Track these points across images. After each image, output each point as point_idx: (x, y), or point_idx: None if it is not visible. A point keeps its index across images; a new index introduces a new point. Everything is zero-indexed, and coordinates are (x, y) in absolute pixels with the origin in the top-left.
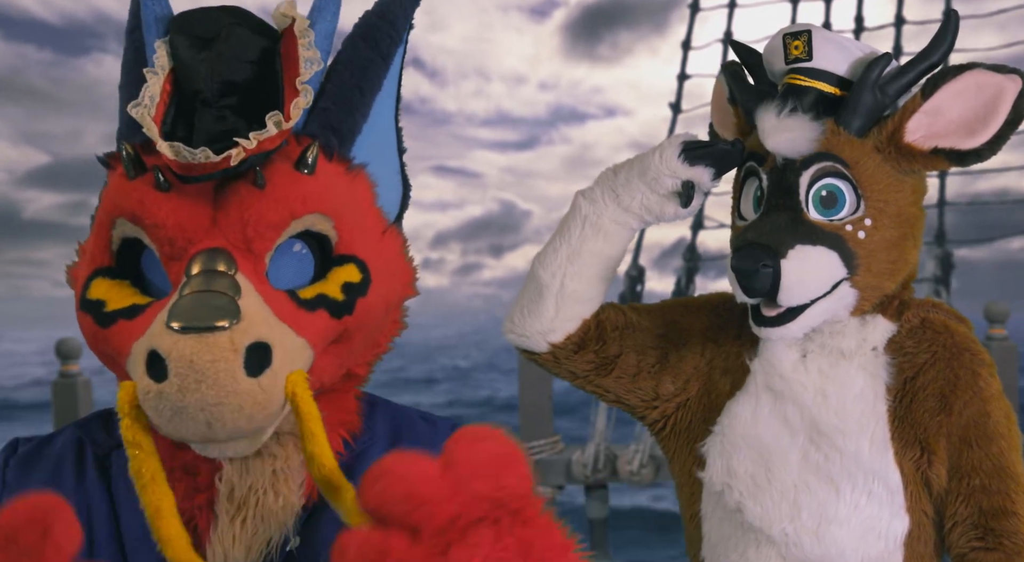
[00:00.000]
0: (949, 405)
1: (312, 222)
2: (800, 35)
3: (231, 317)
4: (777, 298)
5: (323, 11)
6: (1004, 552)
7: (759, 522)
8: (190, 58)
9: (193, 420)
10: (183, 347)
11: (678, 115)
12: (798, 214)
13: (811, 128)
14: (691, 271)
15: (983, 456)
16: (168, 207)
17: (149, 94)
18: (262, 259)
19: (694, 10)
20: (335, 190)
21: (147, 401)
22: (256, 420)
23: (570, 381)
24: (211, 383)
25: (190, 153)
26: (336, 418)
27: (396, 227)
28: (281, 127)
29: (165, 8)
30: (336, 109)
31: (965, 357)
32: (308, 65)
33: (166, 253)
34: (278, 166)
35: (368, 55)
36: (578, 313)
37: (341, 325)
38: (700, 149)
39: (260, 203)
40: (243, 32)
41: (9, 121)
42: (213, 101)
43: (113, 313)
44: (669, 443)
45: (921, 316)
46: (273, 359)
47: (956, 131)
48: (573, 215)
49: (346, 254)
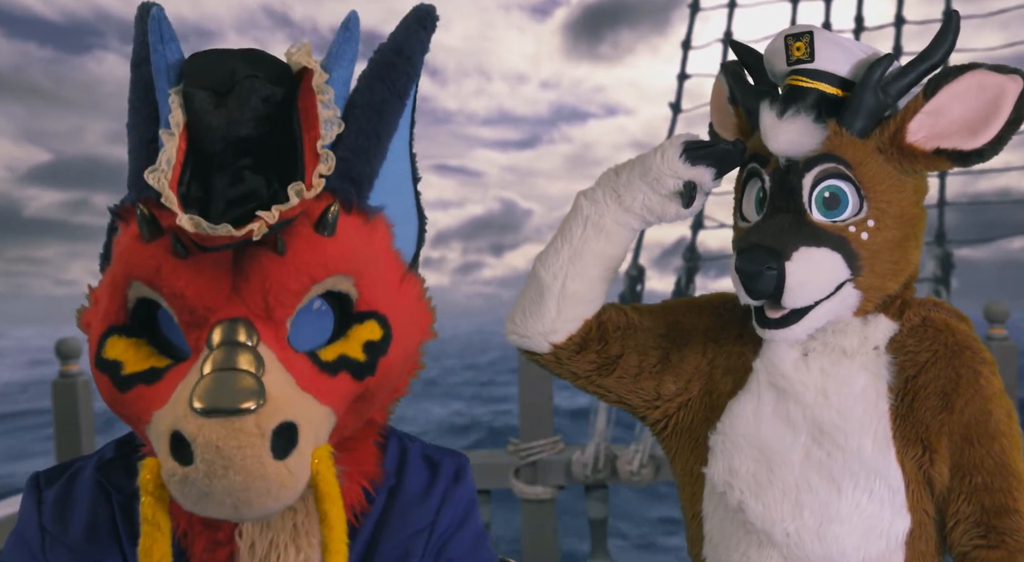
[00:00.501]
0: (951, 403)
1: (333, 284)
2: (802, 36)
3: (257, 398)
4: (781, 300)
5: (340, 58)
6: (1007, 550)
7: (761, 522)
8: (204, 113)
9: (220, 504)
10: (209, 432)
11: (678, 115)
12: (801, 216)
13: (814, 130)
14: (691, 271)
15: (985, 454)
16: (187, 276)
17: (166, 158)
18: (283, 325)
19: (694, 10)
20: (355, 247)
21: (172, 483)
22: (283, 500)
23: (571, 381)
24: (238, 469)
25: (211, 228)
26: (357, 470)
27: (413, 272)
28: (303, 196)
29: (176, 54)
30: (354, 159)
31: (966, 355)
32: (328, 127)
33: (185, 321)
34: (298, 230)
35: (385, 97)
36: (580, 314)
37: (363, 386)
38: (701, 149)
39: (281, 270)
40: (258, 85)
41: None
42: (230, 163)
43: (131, 377)
44: (671, 443)
45: (922, 315)
46: (299, 439)
47: (958, 131)
48: (575, 216)
49: (367, 311)
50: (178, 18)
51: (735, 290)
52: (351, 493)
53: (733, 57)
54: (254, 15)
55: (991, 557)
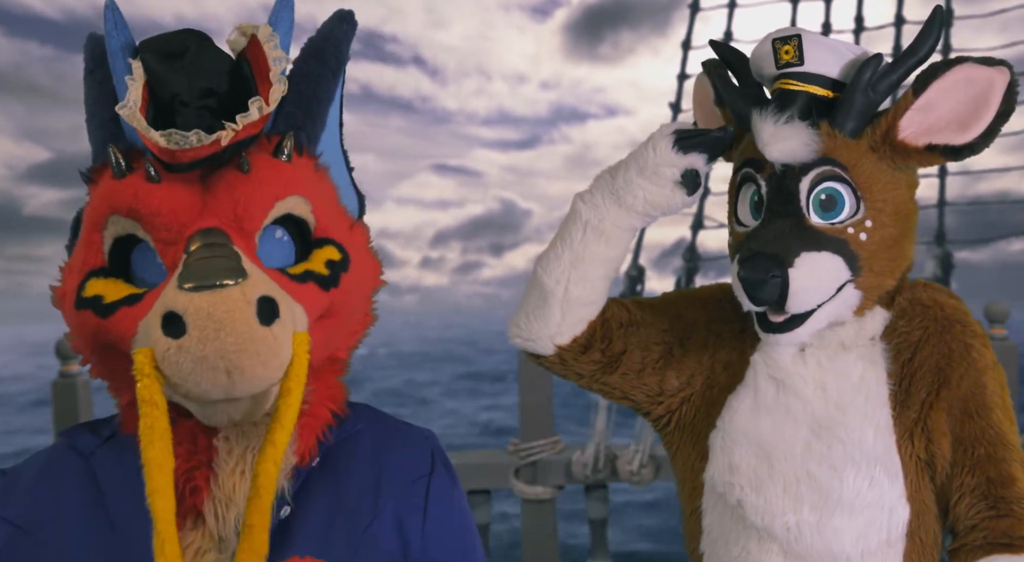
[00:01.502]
0: (946, 378)
1: (293, 205)
2: (790, 39)
3: (239, 275)
4: (785, 306)
5: (279, 21)
6: (1015, 517)
7: (761, 518)
8: (163, 70)
9: (214, 369)
10: (199, 302)
11: (678, 114)
12: (800, 220)
13: (809, 135)
14: (691, 271)
15: (985, 426)
16: (161, 195)
17: (132, 98)
18: (252, 238)
19: (694, 10)
20: (309, 178)
21: (167, 358)
22: (271, 367)
23: (576, 382)
24: (229, 331)
25: (182, 137)
26: (325, 392)
27: (361, 223)
28: (263, 111)
29: (128, 37)
30: (299, 113)
31: (956, 329)
32: (277, 62)
33: (163, 239)
34: (258, 155)
35: (319, 70)
36: (584, 316)
37: (329, 297)
38: (692, 138)
39: (246, 186)
40: (210, 48)
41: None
42: (192, 102)
43: (114, 304)
44: (673, 438)
45: (909, 297)
46: (280, 312)
47: (949, 126)
48: (574, 220)
49: (324, 237)
50: (178, 16)
51: (737, 297)
52: (322, 412)
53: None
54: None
55: (1001, 526)
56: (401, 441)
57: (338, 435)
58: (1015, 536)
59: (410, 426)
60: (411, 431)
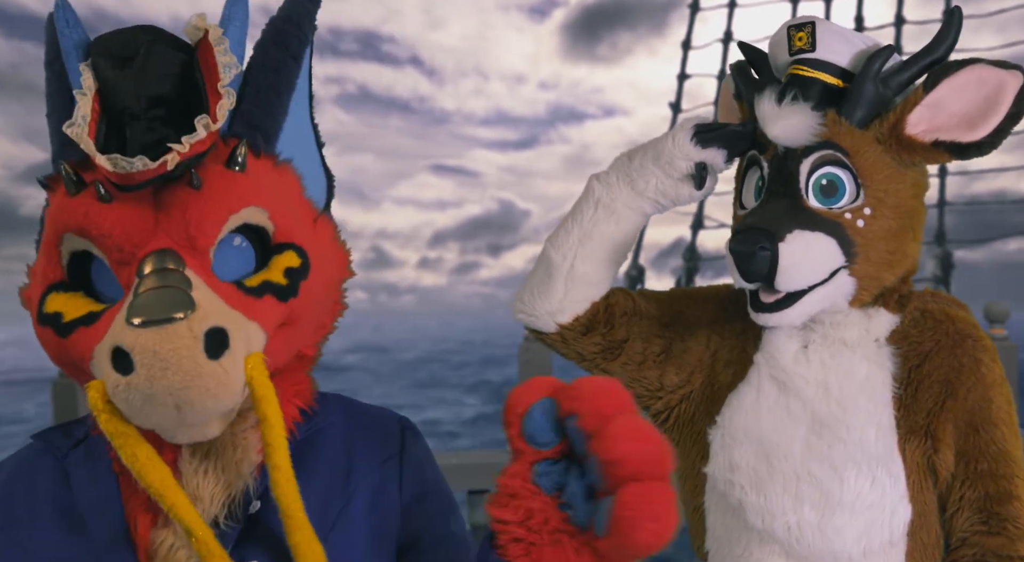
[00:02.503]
0: (954, 391)
1: (249, 215)
2: (804, 27)
3: (187, 308)
4: (775, 282)
5: (233, 19)
6: (1007, 536)
7: (762, 520)
8: (114, 77)
9: (163, 405)
10: (145, 340)
11: (678, 114)
12: (797, 201)
13: (811, 117)
14: (691, 271)
15: (988, 440)
16: (112, 217)
17: (81, 114)
18: (207, 255)
19: (694, 10)
20: (266, 184)
21: (117, 394)
22: (221, 400)
23: (577, 362)
24: (176, 369)
25: (128, 163)
26: (291, 390)
27: (326, 215)
28: (210, 129)
29: (81, 35)
30: (257, 110)
31: (967, 344)
32: (227, 70)
33: (115, 259)
34: (211, 167)
35: (280, 57)
36: (587, 295)
37: (287, 308)
38: (712, 132)
39: (198, 203)
40: (161, 48)
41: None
42: (142, 114)
43: (72, 323)
44: (672, 435)
45: (922, 307)
46: (231, 342)
47: (957, 124)
48: (586, 198)
49: (284, 242)
50: (174, 18)
51: (730, 274)
52: (289, 409)
53: (741, 58)
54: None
55: (992, 543)
56: (369, 426)
57: (306, 431)
58: (1003, 555)
59: (381, 410)
60: (381, 414)
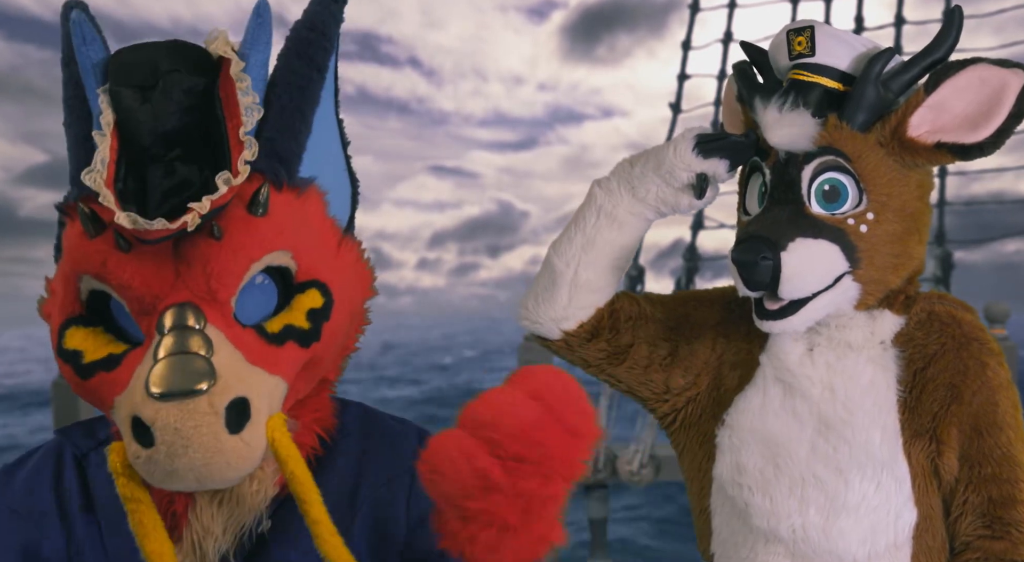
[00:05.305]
0: (959, 394)
1: (271, 259)
2: (803, 31)
3: (208, 379)
4: (778, 291)
5: (256, 43)
6: (1010, 541)
7: (767, 522)
8: (132, 110)
9: (184, 480)
10: (166, 416)
11: (678, 115)
12: (800, 207)
13: (812, 123)
14: (691, 271)
15: (993, 445)
16: (132, 267)
17: (100, 158)
18: (228, 304)
19: (694, 10)
20: (289, 223)
21: (138, 464)
22: (243, 470)
23: (583, 368)
24: (197, 447)
25: (147, 224)
26: (311, 417)
27: (350, 236)
28: (231, 184)
29: (99, 52)
30: (280, 137)
31: (973, 347)
32: (248, 113)
33: (135, 309)
34: (232, 214)
35: (304, 73)
36: (591, 302)
37: (310, 353)
38: (714, 142)
39: (220, 254)
40: (180, 78)
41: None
42: (160, 156)
43: (91, 365)
44: (679, 437)
45: (928, 309)
46: (252, 412)
47: (960, 125)
48: (589, 205)
49: (307, 281)
50: (174, 19)
51: (734, 282)
52: (306, 439)
53: (744, 58)
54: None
55: (995, 548)
56: (383, 441)
57: (322, 451)
58: (1007, 560)
59: (401, 423)
60: (399, 429)
